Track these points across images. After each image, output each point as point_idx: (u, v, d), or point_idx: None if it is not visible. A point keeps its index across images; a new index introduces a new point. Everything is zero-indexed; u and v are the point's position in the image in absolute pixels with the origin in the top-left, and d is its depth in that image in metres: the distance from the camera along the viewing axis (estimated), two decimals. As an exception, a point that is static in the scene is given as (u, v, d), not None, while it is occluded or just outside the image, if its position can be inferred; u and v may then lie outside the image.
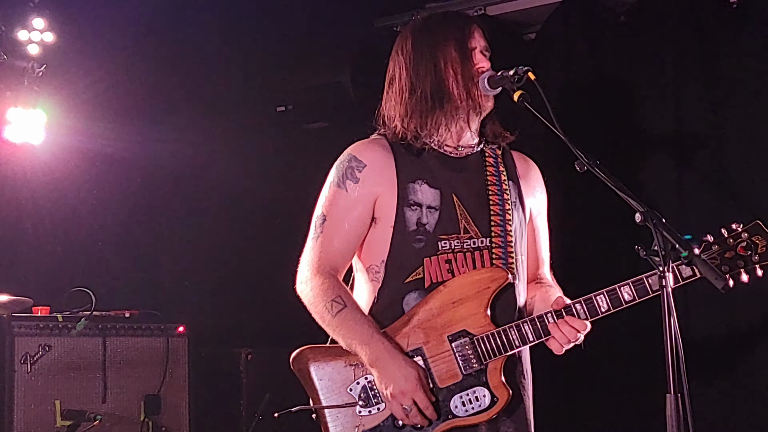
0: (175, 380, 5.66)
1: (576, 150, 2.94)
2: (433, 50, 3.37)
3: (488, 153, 3.46)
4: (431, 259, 3.24)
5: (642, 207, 2.76)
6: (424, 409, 3.12)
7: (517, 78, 3.18)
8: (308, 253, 3.33)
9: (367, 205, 3.32)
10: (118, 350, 5.52)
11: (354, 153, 3.37)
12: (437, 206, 3.28)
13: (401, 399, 3.10)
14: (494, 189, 3.37)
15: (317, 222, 3.35)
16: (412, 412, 3.11)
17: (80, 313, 5.40)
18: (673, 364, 2.57)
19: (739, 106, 5.00)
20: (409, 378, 3.11)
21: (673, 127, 5.16)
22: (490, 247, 3.27)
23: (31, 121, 5.56)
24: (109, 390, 5.43)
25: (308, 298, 3.28)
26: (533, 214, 3.52)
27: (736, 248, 3.10)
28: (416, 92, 3.35)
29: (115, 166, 6.05)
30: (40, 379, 5.23)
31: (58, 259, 5.97)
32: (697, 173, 5.06)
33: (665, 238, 2.68)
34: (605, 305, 3.15)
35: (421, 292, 3.23)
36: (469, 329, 3.18)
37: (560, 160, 3.28)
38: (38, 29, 5.46)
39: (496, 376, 3.16)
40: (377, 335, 3.17)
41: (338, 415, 3.21)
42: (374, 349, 3.15)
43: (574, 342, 3.19)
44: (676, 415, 2.57)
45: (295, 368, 3.30)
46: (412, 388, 3.10)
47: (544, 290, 3.45)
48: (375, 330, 3.19)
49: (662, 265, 2.66)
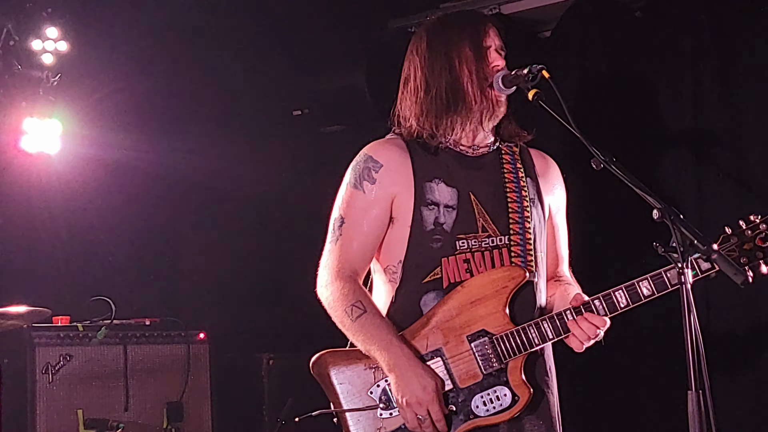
0: (196, 387, 5.67)
1: (592, 147, 2.92)
2: (448, 49, 3.35)
3: (505, 151, 3.44)
4: (449, 259, 3.22)
5: (659, 203, 2.73)
6: (437, 422, 3.10)
7: (531, 77, 3.16)
8: (327, 257, 3.32)
9: (384, 205, 3.30)
10: (140, 358, 5.53)
11: (370, 153, 3.36)
12: (454, 205, 3.26)
13: (416, 408, 3.09)
14: (512, 186, 3.36)
15: (335, 225, 3.33)
16: (426, 423, 3.10)
17: (100, 322, 5.42)
18: (694, 360, 2.55)
19: (757, 100, 4.96)
20: (426, 388, 3.09)
21: (690, 123, 5.12)
22: (509, 245, 3.26)
23: (47, 131, 5.57)
24: (131, 398, 5.44)
25: (329, 303, 3.27)
26: (552, 212, 3.50)
27: (754, 239, 3.08)
28: (431, 91, 3.33)
29: (132, 175, 6.06)
30: (62, 389, 5.24)
31: (77, 268, 5.97)
32: (715, 168, 5.02)
33: (683, 234, 2.66)
34: (624, 300, 3.13)
35: (439, 293, 3.22)
36: (488, 329, 3.16)
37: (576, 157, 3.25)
38: (52, 38, 5.47)
39: (517, 374, 3.15)
40: (396, 341, 3.16)
41: (359, 418, 3.20)
42: (393, 354, 3.14)
43: (594, 338, 3.17)
44: (698, 411, 2.54)
45: (315, 373, 3.29)
46: (429, 398, 3.09)
47: (563, 288, 3.43)
48: (394, 335, 3.17)
49: (681, 262, 2.64)
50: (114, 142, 5.83)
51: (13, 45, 5.35)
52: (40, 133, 5.56)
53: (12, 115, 5.49)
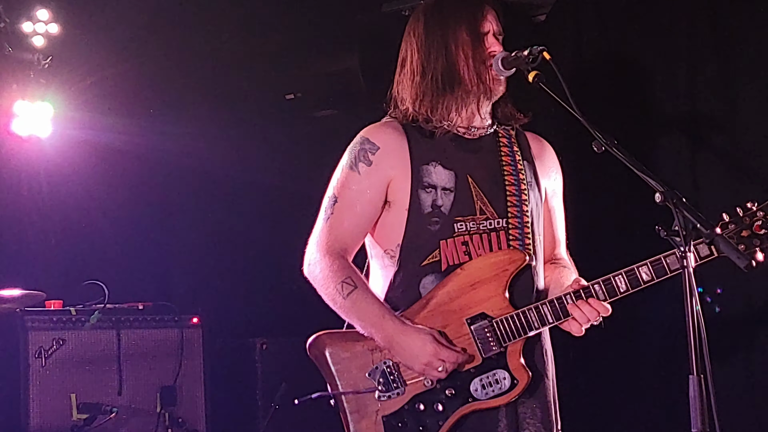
0: (190, 371, 5.66)
1: (594, 130, 2.90)
2: (444, 33, 3.34)
3: (501, 134, 3.44)
4: (447, 242, 3.21)
5: (662, 186, 2.72)
6: (456, 361, 3.10)
7: (531, 58, 3.15)
8: (317, 234, 3.30)
9: (380, 188, 3.29)
10: (133, 342, 5.52)
11: (367, 136, 3.35)
12: (452, 188, 3.25)
13: (431, 366, 3.08)
14: (509, 169, 3.35)
15: (328, 203, 3.32)
16: (448, 368, 3.09)
17: (93, 306, 5.40)
18: (696, 344, 2.53)
19: (753, 84, 4.93)
20: (425, 343, 3.09)
21: (686, 106, 5.09)
22: (507, 228, 3.25)
23: (38, 114, 5.54)
24: (125, 382, 5.43)
25: (318, 280, 3.25)
26: (549, 195, 3.49)
27: (752, 227, 3.07)
28: (427, 75, 3.32)
29: (124, 158, 6.03)
30: (55, 373, 5.23)
31: (69, 252, 5.96)
32: (711, 152, 5.00)
33: (686, 217, 2.64)
34: (624, 285, 3.12)
35: (437, 275, 3.21)
36: (488, 312, 3.16)
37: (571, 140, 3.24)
38: (43, 21, 5.42)
39: (516, 358, 3.14)
40: (388, 315, 3.16)
41: (357, 400, 3.19)
42: (386, 329, 3.14)
43: (593, 322, 3.16)
44: (700, 396, 2.53)
45: (312, 354, 3.28)
46: (432, 350, 3.08)
47: (558, 271, 3.43)
48: (386, 310, 3.17)
49: (683, 245, 2.62)
50: (106, 125, 5.80)
51: (3, 27, 5.31)
52: (31, 116, 5.53)
53: (3, 98, 5.46)
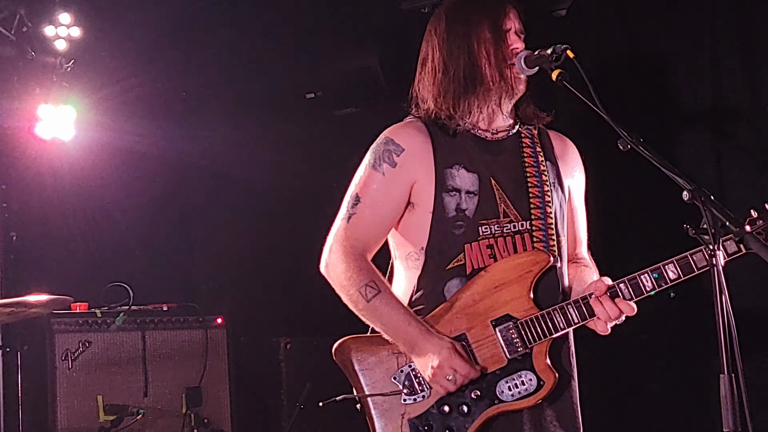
0: (215, 372, 5.68)
1: (619, 129, 2.87)
2: (466, 31, 3.32)
3: (524, 134, 3.41)
4: (472, 245, 3.20)
5: (689, 184, 2.69)
6: (467, 375, 3.08)
7: (555, 57, 3.11)
8: (338, 233, 3.27)
9: (403, 189, 3.27)
10: (158, 344, 5.54)
11: (391, 136, 3.32)
12: (476, 191, 3.23)
13: (441, 373, 3.07)
14: (532, 171, 3.33)
15: (350, 202, 3.29)
16: (457, 380, 3.07)
17: (118, 308, 5.42)
18: (726, 343, 2.51)
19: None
20: (442, 349, 3.08)
21: (709, 100, 5.07)
22: (531, 230, 3.23)
23: (61, 117, 5.57)
24: (150, 384, 5.45)
25: (339, 281, 3.23)
26: (571, 194, 3.47)
27: None
28: (449, 73, 3.30)
29: (146, 161, 6.05)
30: (81, 375, 5.27)
31: (94, 254, 5.98)
32: (735, 147, 4.97)
33: (714, 215, 2.62)
34: (650, 284, 3.10)
35: (462, 279, 3.19)
36: (513, 313, 3.15)
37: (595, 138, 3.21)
38: (65, 24, 5.46)
39: (542, 359, 3.13)
40: (413, 321, 3.15)
41: (383, 403, 3.18)
42: (410, 334, 3.13)
43: (617, 321, 3.14)
44: (731, 395, 2.51)
45: (338, 359, 3.27)
46: (446, 357, 3.07)
47: (580, 270, 3.42)
48: (410, 316, 3.16)
49: (712, 243, 2.59)
50: (128, 128, 5.83)
51: (26, 31, 5.35)
52: (55, 119, 5.57)
53: (26, 102, 5.50)
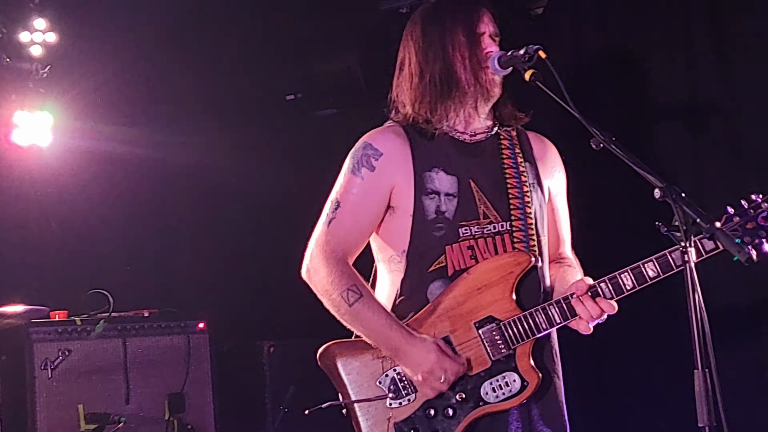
0: (198, 377, 5.64)
1: (591, 127, 2.90)
2: (441, 35, 3.35)
3: (503, 136, 3.43)
4: (453, 247, 3.21)
5: (661, 182, 2.70)
6: (458, 373, 3.10)
7: (527, 57, 3.15)
8: (319, 238, 3.29)
9: (383, 194, 3.29)
10: (139, 350, 5.49)
11: (370, 141, 3.35)
12: (455, 193, 3.26)
13: (432, 375, 3.08)
14: (511, 172, 3.35)
15: (330, 207, 3.31)
16: (449, 379, 3.08)
17: (98, 315, 5.38)
18: (700, 339, 2.52)
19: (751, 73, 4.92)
20: (429, 352, 3.09)
21: (685, 97, 5.09)
22: (511, 230, 3.25)
23: (37, 124, 5.54)
24: (132, 391, 5.41)
25: (321, 286, 3.25)
26: (552, 194, 3.49)
27: (756, 218, 3.07)
28: (425, 78, 3.33)
29: (125, 166, 6.02)
30: (61, 384, 5.21)
31: (73, 262, 5.94)
32: (712, 142, 5.00)
33: (686, 213, 2.63)
34: (630, 283, 3.12)
35: (445, 281, 3.21)
36: (496, 315, 3.16)
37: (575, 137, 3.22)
38: (40, 30, 5.42)
39: (525, 360, 3.14)
40: (395, 325, 3.16)
41: (369, 408, 3.20)
42: (392, 339, 3.15)
43: (599, 320, 3.16)
44: (705, 390, 2.52)
45: (323, 364, 3.29)
46: (435, 359, 3.08)
47: (563, 270, 3.44)
48: (392, 320, 3.18)
49: (684, 241, 2.61)
50: (106, 133, 5.81)
51: (1, 37, 5.31)
52: (31, 125, 5.53)
53: (2, 109, 5.47)
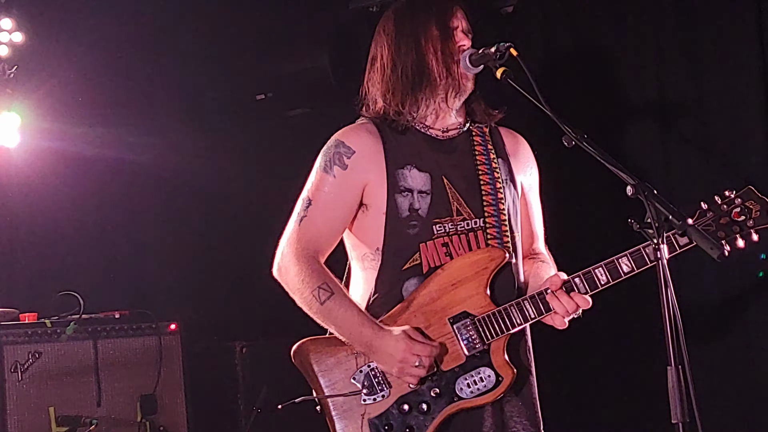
0: (169, 378, 5.59)
1: (563, 125, 2.92)
2: (414, 28, 3.36)
3: (475, 132, 3.44)
4: (427, 244, 3.22)
5: (632, 179, 2.73)
6: (431, 354, 3.07)
7: (499, 55, 3.18)
8: (290, 236, 3.28)
9: (355, 192, 3.29)
10: (110, 352, 5.44)
11: (342, 139, 3.34)
12: (428, 190, 3.26)
13: (406, 362, 3.07)
14: (484, 168, 3.36)
15: (302, 206, 3.31)
16: (425, 362, 3.06)
17: (69, 318, 5.33)
18: (673, 336, 2.55)
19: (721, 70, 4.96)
20: (398, 341, 3.08)
21: (655, 94, 5.13)
22: (484, 227, 3.26)
23: (5, 124, 5.46)
24: (104, 393, 5.35)
25: (292, 284, 3.24)
26: (525, 190, 3.50)
27: (730, 214, 3.11)
28: (397, 70, 3.34)
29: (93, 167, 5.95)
30: (32, 387, 5.15)
31: (41, 264, 5.87)
32: (681, 140, 5.03)
33: (658, 209, 2.66)
34: (604, 278, 3.14)
35: (420, 278, 3.21)
36: (470, 310, 3.16)
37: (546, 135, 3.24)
38: (6, 30, 5.34)
39: (500, 355, 3.14)
40: (366, 321, 3.16)
41: (343, 404, 3.18)
42: (364, 335, 3.14)
43: (574, 314, 3.17)
44: (679, 386, 2.54)
45: (297, 362, 3.27)
46: (404, 346, 3.07)
47: (537, 266, 3.44)
48: (363, 316, 3.17)
49: (656, 237, 2.63)
50: (74, 133, 5.73)
51: (-34, 38, 5.25)
52: (-2, 126, 5.46)
53: (-31, 109, 5.39)
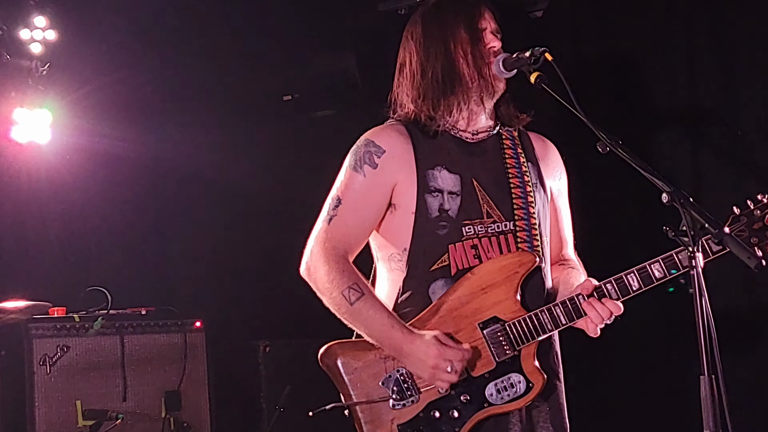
0: (194, 375, 5.65)
1: (598, 131, 2.89)
2: (443, 32, 3.34)
3: (505, 135, 3.42)
4: (456, 246, 3.19)
5: (668, 186, 2.69)
6: (463, 359, 3.05)
7: (533, 59, 3.13)
8: (318, 235, 3.25)
9: (385, 191, 3.27)
10: (136, 348, 5.50)
11: (372, 138, 3.32)
12: (458, 191, 3.24)
13: (438, 368, 3.03)
14: (514, 171, 3.34)
15: (331, 205, 3.28)
16: (456, 368, 3.03)
17: (97, 313, 5.38)
18: (706, 345, 2.51)
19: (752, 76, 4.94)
20: (429, 346, 3.05)
21: (685, 101, 5.10)
22: (515, 230, 3.24)
23: (37, 121, 5.53)
24: (129, 388, 5.42)
25: (321, 283, 3.21)
26: (554, 195, 3.48)
27: (763, 219, 3.08)
28: (427, 75, 3.31)
29: (123, 164, 6.01)
30: (59, 380, 5.22)
31: (71, 259, 5.94)
32: (712, 144, 5.01)
33: (694, 217, 2.63)
34: (636, 283, 3.11)
35: (447, 280, 3.18)
36: (500, 315, 3.14)
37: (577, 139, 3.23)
38: (40, 27, 5.42)
39: (530, 361, 3.12)
40: (396, 324, 3.12)
41: (372, 410, 3.15)
42: (394, 338, 3.10)
43: (607, 321, 3.13)
44: (711, 396, 2.52)
45: (324, 364, 3.24)
46: (436, 352, 3.04)
47: (566, 272, 3.41)
48: (393, 319, 3.14)
49: (692, 245, 2.60)
50: (104, 131, 5.80)
51: (1, 35, 5.30)
52: (30, 123, 5.53)
53: (2, 106, 5.47)
